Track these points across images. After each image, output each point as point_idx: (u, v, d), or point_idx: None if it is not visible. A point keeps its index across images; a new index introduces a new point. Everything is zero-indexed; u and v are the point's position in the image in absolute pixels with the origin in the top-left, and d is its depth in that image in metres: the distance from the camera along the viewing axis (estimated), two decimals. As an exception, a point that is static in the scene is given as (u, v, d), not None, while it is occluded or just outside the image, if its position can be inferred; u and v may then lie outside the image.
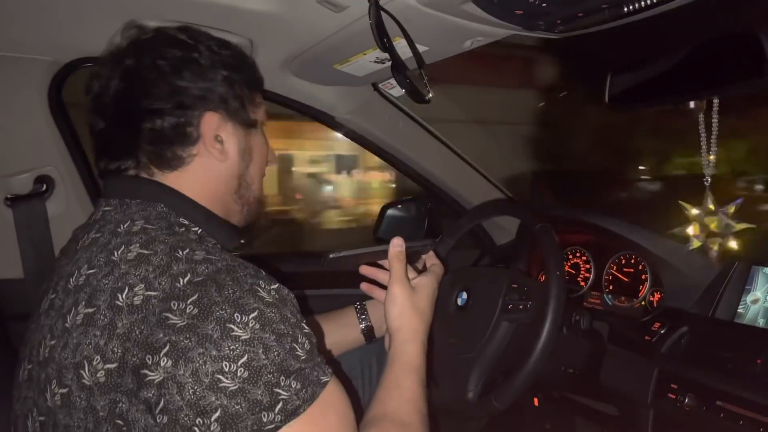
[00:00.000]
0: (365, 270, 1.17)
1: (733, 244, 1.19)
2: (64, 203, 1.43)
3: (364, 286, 1.18)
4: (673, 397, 1.20)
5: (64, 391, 0.78)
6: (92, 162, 1.47)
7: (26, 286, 1.39)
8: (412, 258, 1.18)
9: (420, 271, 1.19)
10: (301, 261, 1.95)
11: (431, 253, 1.17)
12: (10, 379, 0.92)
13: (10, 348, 1.42)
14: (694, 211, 1.23)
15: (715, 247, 1.21)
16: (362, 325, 1.34)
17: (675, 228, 1.28)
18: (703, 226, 1.22)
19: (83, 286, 0.81)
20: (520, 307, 1.21)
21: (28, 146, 1.40)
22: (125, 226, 0.85)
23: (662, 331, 1.31)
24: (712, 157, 1.15)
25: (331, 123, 1.65)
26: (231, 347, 0.72)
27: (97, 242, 0.85)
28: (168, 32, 0.95)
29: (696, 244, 1.23)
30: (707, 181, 1.18)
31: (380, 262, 1.18)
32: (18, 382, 0.88)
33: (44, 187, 1.40)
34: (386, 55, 1.06)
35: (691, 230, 1.24)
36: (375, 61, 1.27)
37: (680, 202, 1.25)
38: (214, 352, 0.72)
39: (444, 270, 1.17)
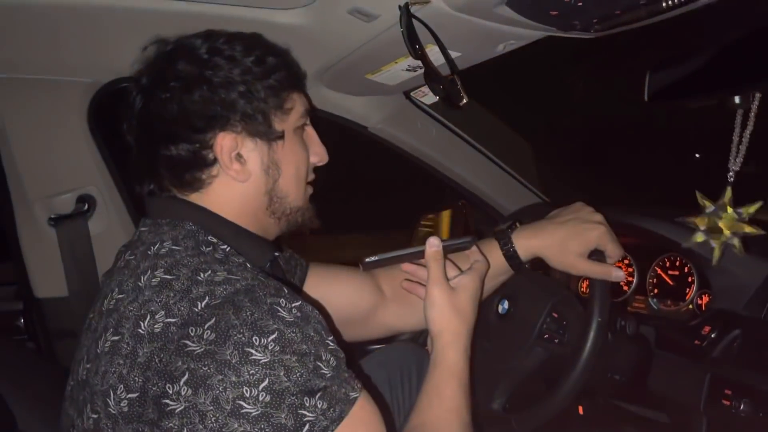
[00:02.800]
0: (406, 268, 1.13)
1: (736, 245, 1.14)
2: (106, 222, 1.46)
3: (406, 285, 1.13)
4: (728, 403, 1.15)
5: (95, 416, 0.78)
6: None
7: (71, 304, 1.41)
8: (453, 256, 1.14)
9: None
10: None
11: (474, 249, 1.12)
12: (57, 394, 0.94)
13: (57, 364, 1.45)
14: (709, 205, 1.17)
15: (718, 245, 1.16)
16: (504, 252, 1.20)
17: (683, 217, 1.22)
18: (711, 221, 1.16)
19: (113, 311, 0.81)
20: (556, 340, 1.19)
21: (70, 167, 1.43)
22: (154, 248, 0.85)
23: (713, 335, 1.26)
24: (741, 154, 1.11)
25: (365, 133, 1.65)
26: (251, 372, 0.71)
27: (130, 265, 0.85)
28: (185, 44, 0.92)
29: (699, 238, 1.18)
30: (731, 176, 1.13)
31: (419, 263, 1.13)
32: (65, 395, 0.90)
33: (86, 206, 1.43)
34: (418, 63, 1.05)
35: (698, 222, 1.19)
36: (407, 69, 1.26)
37: (697, 192, 1.20)
38: (233, 378, 0.70)
39: (488, 266, 1.11)
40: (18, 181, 1.40)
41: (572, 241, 1.17)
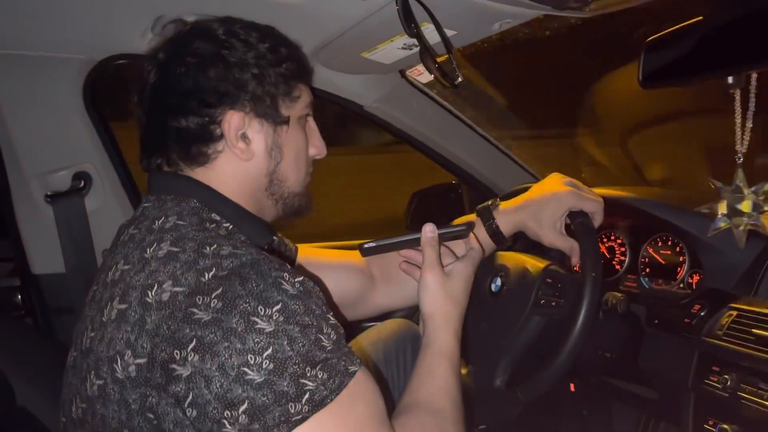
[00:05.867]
0: (404, 253, 1.16)
1: (760, 225, 1.15)
2: (102, 199, 1.47)
3: (403, 266, 1.16)
4: (715, 379, 1.17)
5: (101, 382, 0.80)
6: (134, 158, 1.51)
7: (68, 280, 1.42)
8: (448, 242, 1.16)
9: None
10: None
11: (471, 236, 1.15)
12: (55, 369, 0.95)
13: (54, 340, 1.46)
14: (724, 189, 1.19)
15: (743, 227, 1.18)
16: (487, 228, 1.27)
17: (704, 205, 1.24)
18: (731, 205, 1.18)
19: (118, 282, 0.83)
20: (553, 304, 1.20)
21: (66, 144, 1.43)
22: (159, 222, 0.87)
23: (702, 313, 1.28)
24: (746, 134, 1.12)
25: (360, 112, 1.65)
26: (255, 340, 0.73)
27: (134, 239, 0.87)
28: (203, 25, 0.95)
29: (723, 224, 1.20)
30: (739, 158, 1.15)
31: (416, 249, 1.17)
32: (66, 366, 0.91)
33: (82, 183, 1.44)
34: (414, 41, 1.05)
35: (719, 209, 1.20)
36: (402, 48, 1.26)
37: (710, 179, 1.21)
38: (239, 345, 0.72)
39: (482, 255, 1.15)
40: (14, 159, 1.40)
41: (544, 212, 1.23)
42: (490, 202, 1.31)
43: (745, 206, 1.15)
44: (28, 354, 1.28)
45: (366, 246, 1.05)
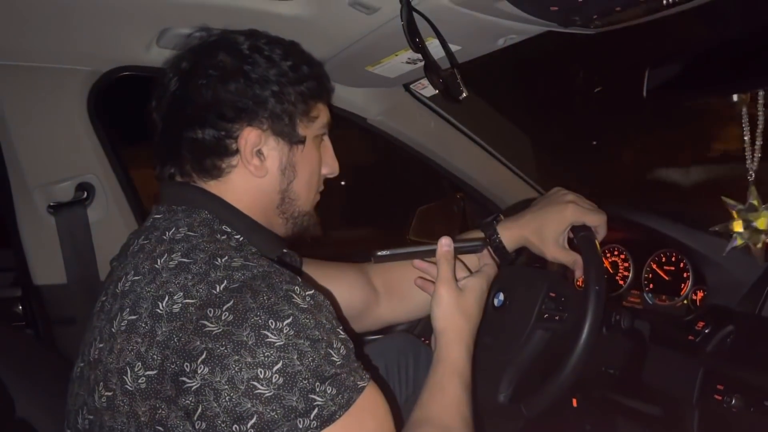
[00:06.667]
0: (418, 265, 1.16)
1: None
2: (105, 210, 1.46)
3: (418, 282, 1.16)
4: (720, 397, 1.17)
5: (109, 394, 0.79)
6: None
7: (69, 291, 1.42)
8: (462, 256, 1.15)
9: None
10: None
11: (485, 252, 1.15)
12: (56, 380, 0.94)
13: (55, 351, 1.46)
14: (738, 207, 1.19)
15: (760, 245, 1.17)
16: (491, 242, 1.25)
17: (718, 224, 1.24)
18: (747, 223, 1.18)
19: (128, 292, 0.83)
20: (556, 317, 1.20)
21: (69, 154, 1.43)
22: (170, 233, 0.86)
23: (706, 330, 1.28)
24: (756, 151, 1.12)
25: (363, 124, 1.65)
26: (266, 354, 0.72)
27: (144, 249, 0.87)
28: (229, 38, 0.95)
29: (740, 241, 1.20)
30: (751, 176, 1.14)
31: (429, 260, 1.15)
32: (72, 377, 0.91)
33: (85, 194, 1.44)
34: (418, 56, 1.06)
35: (734, 227, 1.20)
36: (407, 62, 1.27)
37: (723, 197, 1.21)
38: (249, 359, 0.72)
39: (496, 270, 1.14)
40: (18, 169, 1.40)
41: (547, 227, 1.23)
42: (492, 217, 1.30)
43: (762, 223, 1.15)
44: (29, 365, 1.27)
45: (379, 254, 1.05)
